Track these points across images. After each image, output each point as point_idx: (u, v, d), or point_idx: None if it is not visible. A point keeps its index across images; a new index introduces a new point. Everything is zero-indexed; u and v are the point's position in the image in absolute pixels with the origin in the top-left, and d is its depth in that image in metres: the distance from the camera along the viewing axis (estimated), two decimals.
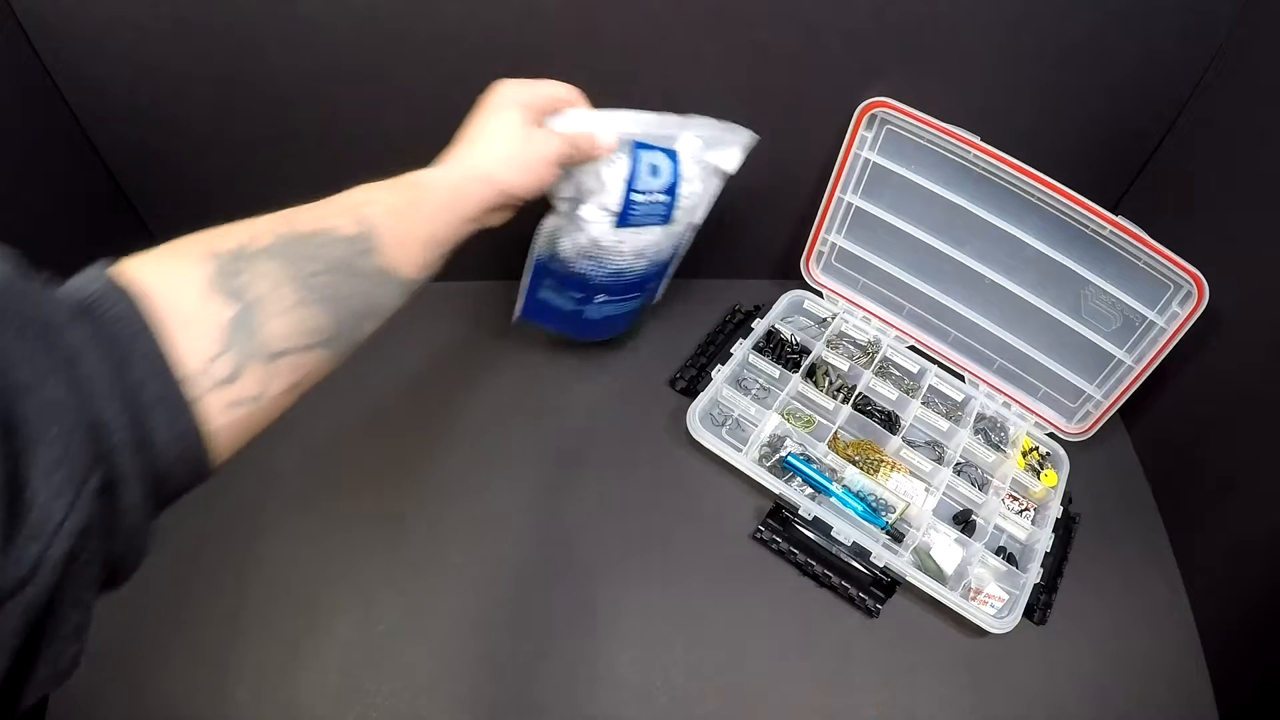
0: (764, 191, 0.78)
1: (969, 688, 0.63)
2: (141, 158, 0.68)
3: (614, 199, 0.58)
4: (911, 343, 0.81)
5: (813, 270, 0.82)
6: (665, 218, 0.61)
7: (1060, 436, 0.76)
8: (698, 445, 0.70)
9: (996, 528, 0.70)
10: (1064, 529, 0.70)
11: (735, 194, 0.67)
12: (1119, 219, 0.63)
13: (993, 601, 0.66)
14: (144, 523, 0.26)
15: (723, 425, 0.75)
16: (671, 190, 0.60)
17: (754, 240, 0.84)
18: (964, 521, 0.70)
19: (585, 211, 0.59)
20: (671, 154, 0.60)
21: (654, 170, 0.59)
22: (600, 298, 0.66)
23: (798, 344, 0.80)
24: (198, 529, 0.64)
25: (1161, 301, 0.66)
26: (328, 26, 0.60)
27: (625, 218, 0.59)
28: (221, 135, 0.67)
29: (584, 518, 0.68)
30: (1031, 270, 0.70)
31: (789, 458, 0.70)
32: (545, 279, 0.65)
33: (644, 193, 0.59)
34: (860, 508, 0.68)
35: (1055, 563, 0.69)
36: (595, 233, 0.60)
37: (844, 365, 0.78)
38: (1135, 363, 0.68)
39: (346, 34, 0.60)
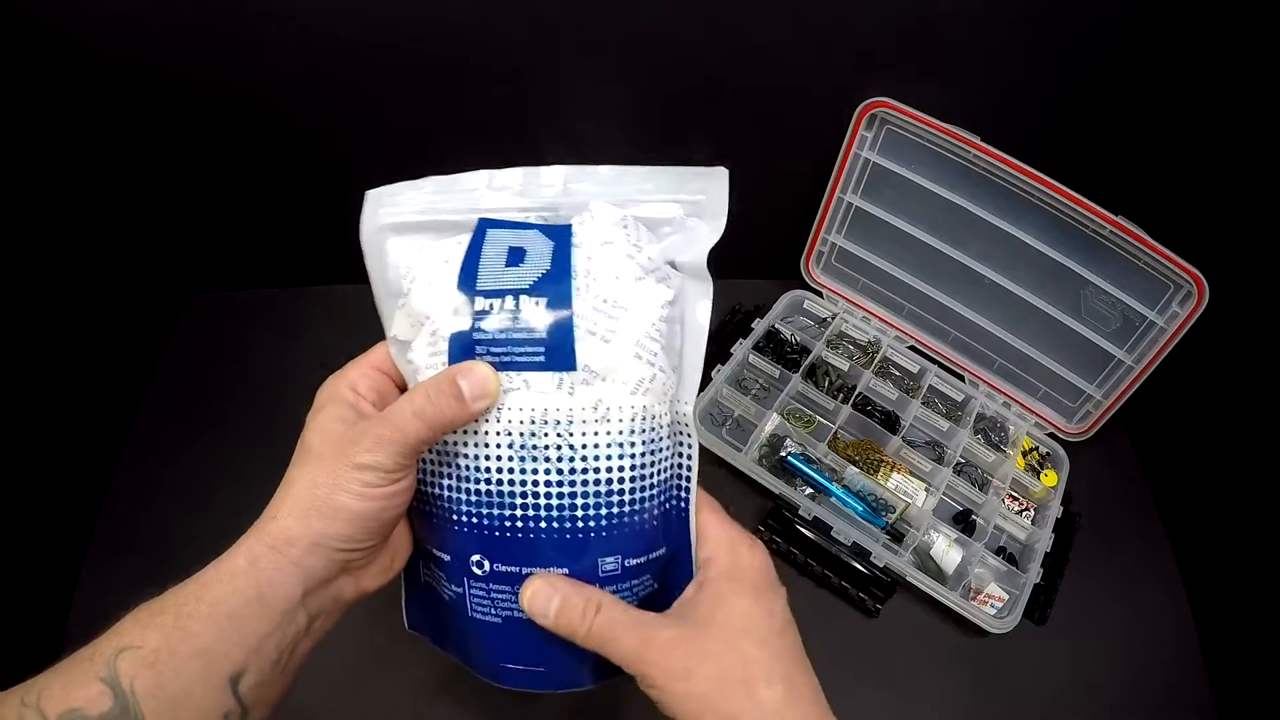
0: (764, 191, 0.78)
1: (969, 688, 0.63)
2: (142, 155, 0.68)
3: (444, 314, 0.33)
4: (911, 343, 0.81)
5: (813, 270, 0.82)
6: (554, 351, 0.32)
7: (1060, 436, 0.76)
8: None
9: (996, 528, 0.70)
10: (1064, 529, 0.70)
11: (735, 194, 0.67)
12: (1119, 219, 0.63)
13: (993, 601, 0.66)
14: None
15: (723, 425, 0.75)
16: (559, 293, 0.32)
17: (754, 240, 0.83)
18: (964, 521, 0.70)
19: (415, 354, 0.35)
20: (557, 231, 0.34)
21: (514, 256, 0.33)
22: (479, 568, 0.35)
23: (798, 344, 0.80)
24: (201, 529, 0.64)
25: (1161, 301, 0.66)
26: (329, 27, 0.59)
27: (463, 344, 0.33)
28: (222, 135, 0.67)
29: None
30: (1031, 270, 0.70)
31: (789, 458, 0.70)
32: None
33: (495, 294, 0.33)
34: (860, 508, 0.68)
35: (1055, 563, 0.69)
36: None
37: (844, 365, 0.78)
38: (1135, 363, 0.68)
39: (347, 34, 0.60)
